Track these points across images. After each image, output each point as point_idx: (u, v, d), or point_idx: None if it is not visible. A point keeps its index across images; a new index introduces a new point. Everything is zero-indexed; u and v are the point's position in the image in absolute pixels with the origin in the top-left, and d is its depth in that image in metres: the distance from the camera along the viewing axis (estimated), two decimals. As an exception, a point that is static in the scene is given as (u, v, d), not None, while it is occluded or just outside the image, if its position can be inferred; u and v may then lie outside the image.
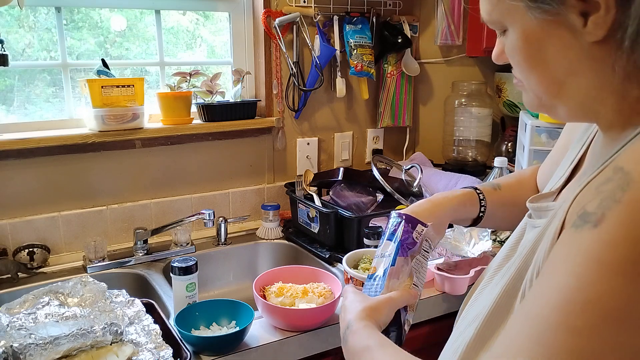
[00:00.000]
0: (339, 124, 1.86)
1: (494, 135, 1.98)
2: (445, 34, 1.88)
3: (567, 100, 0.57)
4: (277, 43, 1.65)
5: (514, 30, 0.56)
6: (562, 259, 0.46)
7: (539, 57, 0.55)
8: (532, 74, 0.57)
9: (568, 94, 0.56)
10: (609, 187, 0.45)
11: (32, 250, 1.35)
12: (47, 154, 1.38)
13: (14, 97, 1.43)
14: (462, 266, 1.26)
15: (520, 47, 0.56)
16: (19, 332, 0.85)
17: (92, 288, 1.01)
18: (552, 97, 0.57)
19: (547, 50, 0.54)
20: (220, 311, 1.09)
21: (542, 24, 0.53)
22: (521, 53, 0.56)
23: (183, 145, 1.58)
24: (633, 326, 0.40)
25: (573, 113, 0.59)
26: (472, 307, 0.69)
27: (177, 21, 1.62)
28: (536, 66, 0.56)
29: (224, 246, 1.56)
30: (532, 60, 0.56)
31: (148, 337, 0.94)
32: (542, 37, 0.54)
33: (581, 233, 0.45)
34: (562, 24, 0.52)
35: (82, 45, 1.49)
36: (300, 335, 1.07)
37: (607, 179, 0.46)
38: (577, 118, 0.60)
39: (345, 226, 1.42)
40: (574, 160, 0.68)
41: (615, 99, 0.54)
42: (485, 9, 0.58)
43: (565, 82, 0.55)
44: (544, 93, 0.58)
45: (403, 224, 0.83)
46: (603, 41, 0.50)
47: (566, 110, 0.58)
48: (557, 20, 0.52)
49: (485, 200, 0.91)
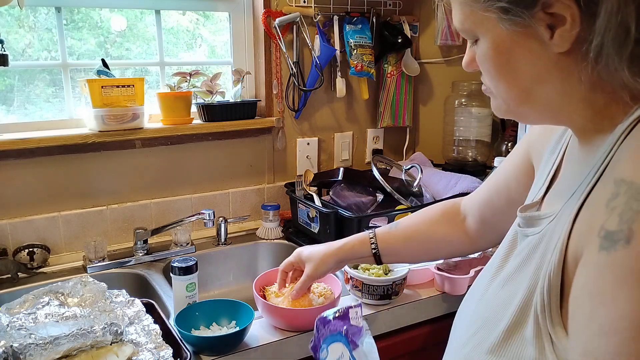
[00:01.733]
0: (339, 124, 1.86)
1: (494, 135, 1.98)
2: (445, 34, 1.88)
3: (535, 106, 0.59)
4: (277, 43, 1.65)
5: (486, 40, 0.58)
6: (606, 286, 0.46)
7: (508, 66, 0.57)
8: (500, 82, 0.59)
9: (535, 101, 0.58)
10: (621, 201, 0.46)
11: (32, 250, 1.35)
12: (47, 154, 1.38)
13: (14, 97, 1.43)
14: (462, 266, 1.26)
15: (490, 56, 0.58)
16: (19, 332, 0.85)
17: (92, 288, 1.01)
18: (519, 104, 0.60)
19: (517, 60, 0.56)
20: (220, 311, 1.09)
21: (512, 34, 0.55)
22: (491, 61, 0.58)
23: (183, 145, 1.58)
24: None
25: (541, 117, 0.61)
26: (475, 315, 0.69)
27: (177, 21, 1.63)
28: (506, 74, 0.58)
29: (224, 246, 1.56)
30: (502, 68, 0.58)
31: (148, 337, 0.94)
32: (512, 47, 0.56)
33: (616, 253, 0.45)
34: (532, 35, 0.54)
35: (83, 46, 1.49)
36: (300, 335, 1.07)
37: (614, 194, 0.47)
38: (546, 121, 0.63)
39: (345, 226, 1.42)
40: (552, 170, 0.69)
41: (583, 106, 0.56)
42: (458, 19, 0.60)
43: (533, 90, 0.57)
44: (512, 100, 0.60)
45: (334, 321, 0.81)
46: (569, 52, 0.53)
47: (534, 114, 0.61)
48: (526, 32, 0.54)
49: (375, 240, 1.02)
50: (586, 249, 0.50)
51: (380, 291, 1.14)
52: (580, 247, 0.51)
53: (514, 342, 0.58)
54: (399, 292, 1.17)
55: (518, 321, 0.58)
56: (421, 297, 1.22)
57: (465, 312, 0.74)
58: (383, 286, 1.14)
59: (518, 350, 0.57)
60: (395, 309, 1.17)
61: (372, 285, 1.14)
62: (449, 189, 1.61)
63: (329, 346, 0.81)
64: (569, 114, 0.58)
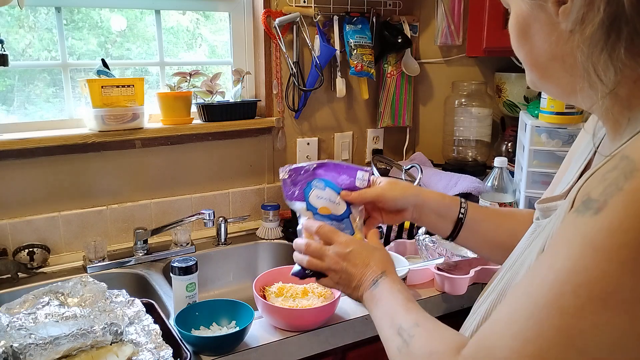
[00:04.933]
0: (339, 124, 1.86)
1: (494, 135, 1.98)
2: (445, 34, 1.88)
3: (555, 82, 0.61)
4: (277, 43, 1.65)
5: (513, 10, 0.61)
6: (561, 242, 0.48)
7: (526, 37, 0.60)
8: (521, 51, 0.62)
9: (553, 77, 0.60)
10: (613, 175, 0.46)
11: (32, 250, 1.35)
12: (47, 154, 1.38)
13: (14, 97, 1.43)
14: (462, 266, 1.26)
15: (513, 25, 0.61)
16: (19, 332, 0.85)
17: (92, 288, 1.01)
18: (540, 78, 0.62)
19: (533, 32, 0.58)
20: (220, 311, 1.09)
21: (531, 7, 0.57)
22: (514, 30, 0.61)
23: (183, 145, 1.58)
24: (622, 309, 0.43)
25: (563, 94, 0.62)
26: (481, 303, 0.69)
27: (177, 21, 1.63)
28: (524, 44, 0.60)
29: (224, 246, 1.56)
30: (521, 38, 0.60)
31: (148, 337, 0.94)
32: (529, 20, 0.58)
33: (582, 219, 0.47)
34: (544, 10, 0.56)
35: (84, 46, 1.49)
36: (300, 335, 1.07)
37: (613, 167, 0.47)
38: (568, 99, 0.63)
39: (345, 226, 1.42)
40: (582, 164, 0.68)
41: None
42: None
43: (549, 66, 0.59)
44: (533, 73, 0.62)
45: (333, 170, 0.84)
46: (575, 31, 0.53)
47: (557, 90, 0.62)
48: (540, 6, 0.56)
49: (467, 206, 0.87)
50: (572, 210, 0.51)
51: (380, 291, 1.14)
52: None
53: None
54: (399, 292, 1.16)
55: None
56: (421, 297, 1.22)
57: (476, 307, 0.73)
58: (383, 286, 1.14)
59: None
60: (395, 309, 1.17)
61: (372, 285, 1.14)
62: (449, 189, 1.61)
63: (326, 188, 0.83)
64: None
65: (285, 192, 0.86)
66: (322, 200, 0.83)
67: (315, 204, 0.83)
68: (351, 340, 1.14)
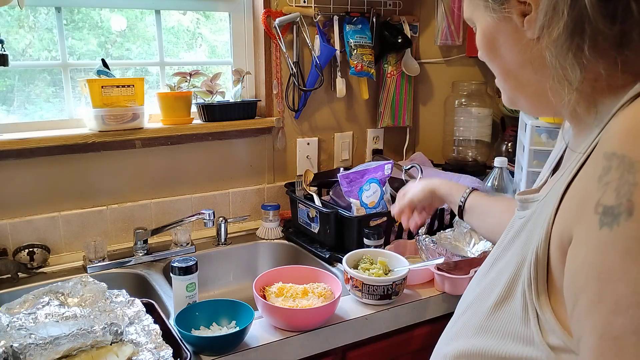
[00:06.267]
0: (339, 124, 1.86)
1: (494, 135, 1.98)
2: (445, 34, 1.88)
3: (524, 93, 0.63)
4: (277, 43, 1.65)
5: (479, 26, 0.64)
6: (619, 261, 0.45)
7: (495, 50, 0.63)
8: (493, 64, 0.65)
9: (523, 86, 0.62)
10: (615, 176, 0.45)
11: (32, 250, 1.35)
12: (47, 154, 1.38)
13: (14, 97, 1.43)
14: (462, 266, 1.26)
15: (480, 40, 0.64)
16: (19, 332, 0.85)
17: (92, 288, 1.01)
18: (512, 90, 0.64)
19: (500, 44, 0.62)
20: (220, 311, 1.09)
21: (496, 22, 0.60)
22: (482, 45, 0.64)
23: (183, 145, 1.58)
24: None
25: (533, 105, 0.65)
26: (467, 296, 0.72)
27: (177, 21, 1.63)
28: (494, 57, 0.63)
29: (224, 246, 1.56)
30: (490, 52, 0.63)
31: (148, 337, 0.94)
32: (495, 33, 0.61)
33: (620, 228, 0.44)
34: (510, 22, 0.59)
35: (84, 46, 1.49)
36: (300, 335, 1.07)
37: (606, 169, 0.46)
38: (538, 110, 0.67)
39: (345, 226, 1.42)
40: (556, 159, 0.71)
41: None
42: (464, 8, 0.67)
43: (520, 74, 0.61)
44: (505, 85, 0.65)
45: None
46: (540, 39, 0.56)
47: (527, 103, 0.65)
48: (506, 19, 0.59)
49: (468, 195, 1.08)
50: (578, 226, 0.49)
51: (380, 291, 1.14)
52: (569, 224, 0.50)
53: (500, 318, 0.59)
54: (399, 292, 1.17)
55: (506, 297, 0.59)
56: (421, 297, 1.22)
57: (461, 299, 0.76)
58: (383, 286, 1.14)
59: (504, 324, 0.58)
60: (395, 309, 1.17)
61: (372, 285, 1.14)
62: (449, 189, 1.61)
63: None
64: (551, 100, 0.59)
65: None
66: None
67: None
68: (351, 340, 1.14)
